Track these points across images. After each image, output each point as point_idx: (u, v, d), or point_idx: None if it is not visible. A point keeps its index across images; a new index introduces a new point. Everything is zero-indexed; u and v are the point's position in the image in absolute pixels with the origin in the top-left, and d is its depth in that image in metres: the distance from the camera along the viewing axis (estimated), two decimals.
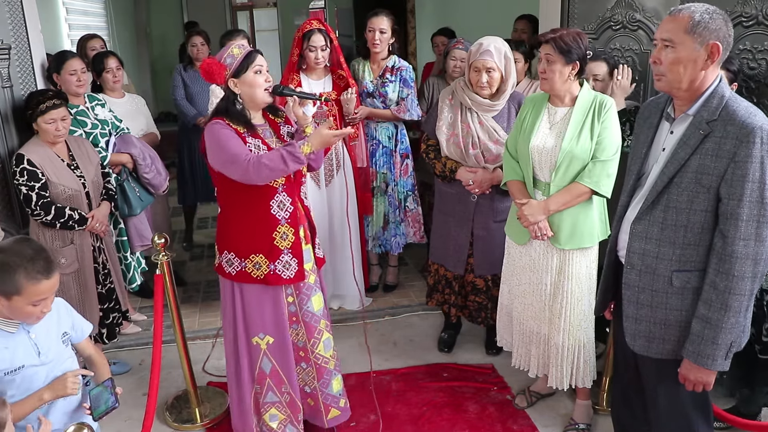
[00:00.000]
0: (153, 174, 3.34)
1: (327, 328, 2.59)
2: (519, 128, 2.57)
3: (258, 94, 2.30)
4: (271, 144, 2.35)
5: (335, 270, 3.72)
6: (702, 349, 1.74)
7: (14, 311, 1.71)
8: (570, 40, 2.34)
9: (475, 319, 3.16)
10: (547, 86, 2.43)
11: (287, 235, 2.38)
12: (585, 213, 2.47)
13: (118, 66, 3.60)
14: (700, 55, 1.68)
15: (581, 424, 2.69)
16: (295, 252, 2.40)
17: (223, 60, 2.28)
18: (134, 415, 2.81)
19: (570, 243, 2.47)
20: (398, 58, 3.70)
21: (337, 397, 2.62)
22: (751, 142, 1.62)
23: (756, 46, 2.78)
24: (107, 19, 6.46)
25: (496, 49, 2.75)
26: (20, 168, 2.64)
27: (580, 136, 2.40)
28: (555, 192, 2.45)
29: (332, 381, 2.60)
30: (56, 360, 1.85)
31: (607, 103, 2.42)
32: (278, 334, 2.46)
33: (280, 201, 2.36)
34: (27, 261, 1.68)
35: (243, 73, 2.27)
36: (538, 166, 2.50)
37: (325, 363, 2.57)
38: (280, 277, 2.39)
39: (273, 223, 2.36)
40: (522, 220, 2.48)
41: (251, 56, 2.28)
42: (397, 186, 3.76)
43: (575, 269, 2.50)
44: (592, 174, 2.38)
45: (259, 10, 11.25)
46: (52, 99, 2.69)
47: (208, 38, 4.48)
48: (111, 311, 2.97)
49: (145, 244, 3.37)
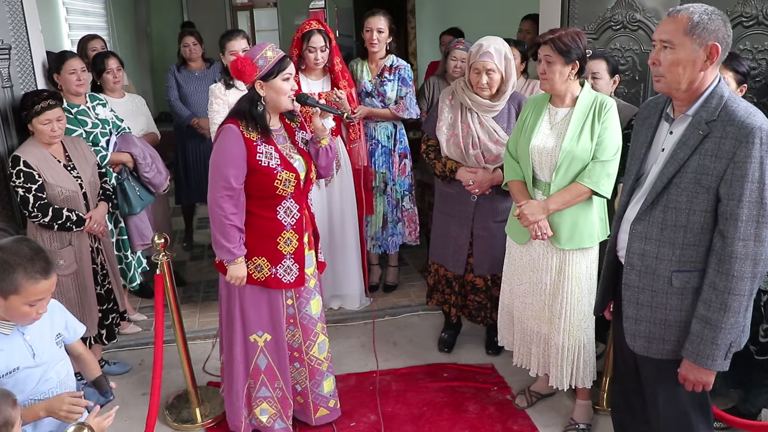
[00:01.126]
0: (153, 173, 3.34)
1: (323, 330, 2.62)
2: (520, 129, 2.58)
3: (283, 101, 2.32)
4: (283, 150, 2.37)
5: (335, 270, 3.72)
6: (702, 350, 1.74)
7: (10, 311, 1.70)
8: (569, 41, 2.34)
9: (474, 318, 3.17)
10: (548, 86, 2.44)
11: (291, 241, 2.41)
12: (585, 213, 2.47)
13: (119, 66, 3.60)
14: (699, 56, 1.68)
15: (581, 424, 2.69)
16: (297, 257, 2.43)
17: (256, 61, 2.28)
18: (134, 415, 2.81)
19: (570, 243, 2.48)
20: (396, 57, 3.70)
21: (326, 398, 2.67)
22: (750, 142, 1.62)
23: (756, 46, 2.78)
24: (107, 19, 6.46)
25: (496, 51, 2.75)
26: (17, 170, 2.63)
27: (581, 137, 2.40)
28: (555, 192, 2.45)
29: (323, 382, 2.64)
30: (50, 361, 1.85)
31: (608, 104, 2.42)
32: (275, 333, 2.50)
33: (287, 207, 2.39)
34: (26, 260, 1.68)
35: (272, 78, 2.28)
36: (538, 166, 2.50)
37: (318, 365, 2.61)
38: (280, 281, 2.42)
39: (278, 228, 2.38)
40: (522, 219, 2.49)
41: (283, 62, 2.29)
42: (395, 185, 3.76)
43: (575, 269, 2.50)
44: (592, 174, 2.39)
45: (259, 10, 11.26)
46: (47, 99, 2.68)
47: (201, 38, 4.45)
48: (110, 312, 2.97)
49: (146, 243, 3.37)
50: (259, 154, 2.30)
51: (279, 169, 2.32)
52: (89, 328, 2.82)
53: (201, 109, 4.21)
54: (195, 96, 4.29)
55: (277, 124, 2.42)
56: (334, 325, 3.59)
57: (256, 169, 2.29)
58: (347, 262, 3.70)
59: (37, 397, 1.79)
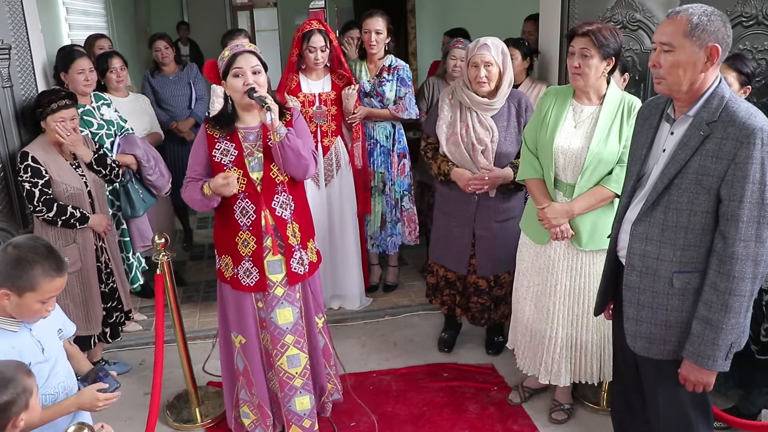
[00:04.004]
0: (156, 176, 3.35)
1: (296, 344, 2.47)
2: (540, 122, 2.48)
3: (238, 97, 2.32)
4: (246, 149, 2.35)
5: (335, 270, 3.72)
6: (702, 350, 1.74)
7: (22, 308, 1.71)
8: (608, 34, 2.27)
9: (477, 320, 3.14)
10: (581, 82, 2.33)
11: (248, 243, 2.39)
12: (606, 215, 2.42)
13: (122, 66, 3.60)
14: (700, 58, 1.68)
15: (566, 404, 2.76)
16: (255, 261, 2.38)
17: (218, 62, 2.33)
18: (135, 415, 2.81)
19: (590, 245, 2.44)
20: (395, 57, 3.70)
21: (300, 416, 2.51)
22: (751, 143, 1.62)
23: (756, 46, 2.78)
24: (107, 19, 6.44)
25: (493, 45, 2.75)
26: (24, 164, 2.65)
27: (609, 138, 2.33)
28: (578, 194, 2.40)
29: (295, 399, 2.49)
30: (56, 356, 1.86)
31: (636, 105, 2.34)
32: (248, 337, 2.48)
33: (242, 207, 2.37)
34: (43, 258, 1.70)
35: (227, 76, 2.30)
36: (562, 167, 2.43)
37: (288, 378, 2.48)
38: (240, 283, 2.41)
39: (235, 228, 2.39)
40: (544, 222, 2.43)
41: (233, 58, 2.28)
42: (394, 185, 3.76)
43: (594, 269, 2.46)
44: (619, 179, 2.30)
45: (259, 10, 11.25)
46: (63, 99, 2.72)
47: (172, 41, 4.44)
48: (114, 310, 2.97)
49: (147, 245, 3.37)
50: (215, 150, 2.35)
51: (229, 166, 2.34)
52: (93, 326, 2.84)
53: (179, 112, 4.21)
54: (172, 100, 4.26)
55: (254, 122, 2.37)
56: (334, 325, 3.60)
57: (213, 164, 2.37)
58: (347, 261, 3.70)
59: (48, 392, 1.79)
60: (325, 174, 3.58)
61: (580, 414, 2.80)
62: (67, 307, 2.67)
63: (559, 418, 2.74)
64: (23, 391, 1.53)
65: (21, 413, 1.53)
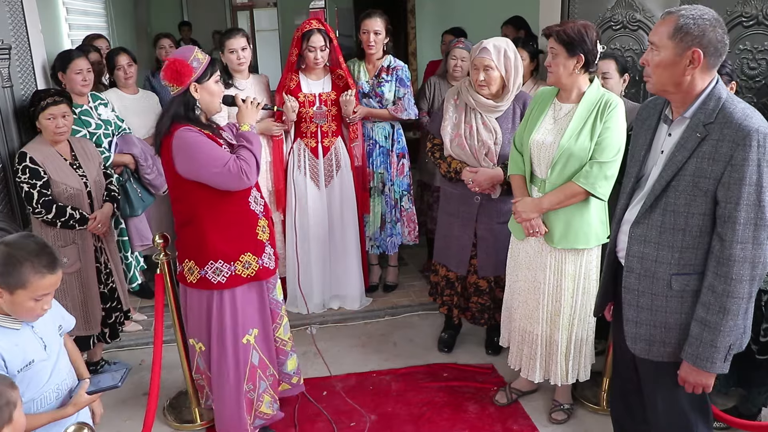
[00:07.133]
0: (154, 175, 3.35)
1: (285, 312, 2.72)
2: (526, 122, 2.55)
3: (215, 103, 2.35)
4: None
5: (335, 270, 3.72)
6: (701, 352, 1.74)
7: (15, 306, 1.71)
8: (573, 33, 2.29)
9: (477, 321, 3.15)
10: (553, 79, 2.40)
11: (265, 228, 2.47)
12: (580, 213, 2.44)
13: (130, 62, 3.61)
14: (681, 60, 1.67)
15: (566, 404, 2.77)
16: (272, 242, 2.51)
17: (190, 62, 2.26)
18: (134, 415, 2.81)
19: (563, 242, 2.47)
20: (394, 57, 3.69)
21: (290, 375, 2.75)
22: (747, 145, 1.61)
23: (756, 46, 2.78)
24: (107, 19, 6.44)
25: (494, 48, 2.72)
26: (22, 165, 2.65)
27: (580, 135, 2.36)
28: (550, 189, 2.43)
29: (287, 361, 2.72)
30: (58, 353, 1.86)
31: (613, 103, 2.35)
32: (263, 325, 2.56)
33: (255, 196, 2.45)
34: (33, 255, 1.69)
35: (206, 80, 2.30)
36: (537, 162, 2.48)
37: (283, 345, 2.68)
38: (268, 270, 2.48)
39: (254, 218, 2.42)
40: (515, 215, 2.51)
41: (214, 65, 2.32)
42: (393, 185, 3.76)
43: (569, 268, 2.50)
44: (588, 175, 2.34)
45: (259, 10, 11.24)
46: (53, 96, 2.72)
47: (176, 41, 4.47)
48: (113, 310, 2.97)
49: (145, 243, 3.37)
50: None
51: None
52: (93, 326, 2.84)
53: None
54: None
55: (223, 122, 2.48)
56: (334, 325, 3.60)
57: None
58: (347, 262, 3.70)
59: (51, 389, 1.80)
60: (325, 174, 3.58)
61: (580, 414, 2.81)
62: (67, 307, 2.65)
63: (559, 418, 2.75)
64: (6, 404, 1.50)
65: (4, 426, 1.50)
